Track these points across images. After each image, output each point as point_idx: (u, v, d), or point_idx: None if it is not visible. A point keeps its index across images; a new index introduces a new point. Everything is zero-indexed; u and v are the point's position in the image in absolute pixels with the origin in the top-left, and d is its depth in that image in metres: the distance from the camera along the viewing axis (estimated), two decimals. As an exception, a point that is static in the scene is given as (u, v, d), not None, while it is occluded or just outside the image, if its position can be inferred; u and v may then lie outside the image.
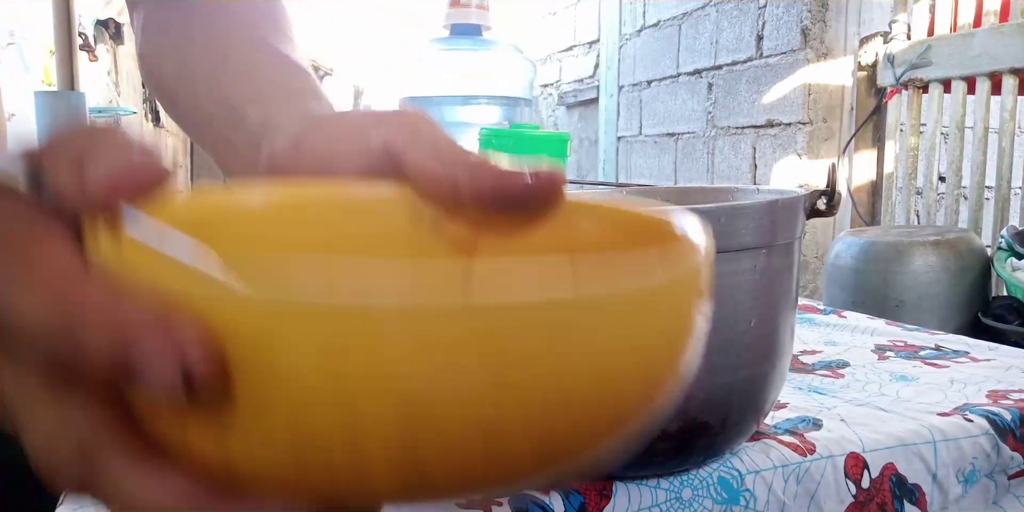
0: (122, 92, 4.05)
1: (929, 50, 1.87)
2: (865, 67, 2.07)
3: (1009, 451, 0.54)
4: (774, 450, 0.50)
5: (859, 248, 1.59)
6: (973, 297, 1.55)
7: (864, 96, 2.09)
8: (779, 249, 0.45)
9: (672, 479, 0.46)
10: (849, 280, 1.60)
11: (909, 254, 1.52)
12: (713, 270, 0.21)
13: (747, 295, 0.44)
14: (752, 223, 0.42)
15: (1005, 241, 1.55)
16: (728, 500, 0.47)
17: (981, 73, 1.77)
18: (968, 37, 1.79)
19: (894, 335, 0.82)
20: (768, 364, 0.46)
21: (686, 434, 0.44)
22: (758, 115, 2.34)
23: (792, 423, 0.55)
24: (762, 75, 2.32)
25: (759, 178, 2.35)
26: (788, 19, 2.22)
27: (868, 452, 0.51)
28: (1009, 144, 1.76)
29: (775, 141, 2.28)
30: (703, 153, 2.60)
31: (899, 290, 1.53)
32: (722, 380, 0.44)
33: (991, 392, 0.61)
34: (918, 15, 1.95)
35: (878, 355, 0.74)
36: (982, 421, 0.55)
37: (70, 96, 1.22)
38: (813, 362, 0.72)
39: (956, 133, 1.87)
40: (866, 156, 2.12)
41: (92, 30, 3.45)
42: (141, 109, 4.63)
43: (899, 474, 0.51)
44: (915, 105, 1.96)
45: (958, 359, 0.72)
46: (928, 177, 1.95)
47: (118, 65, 3.98)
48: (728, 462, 0.48)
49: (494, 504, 0.43)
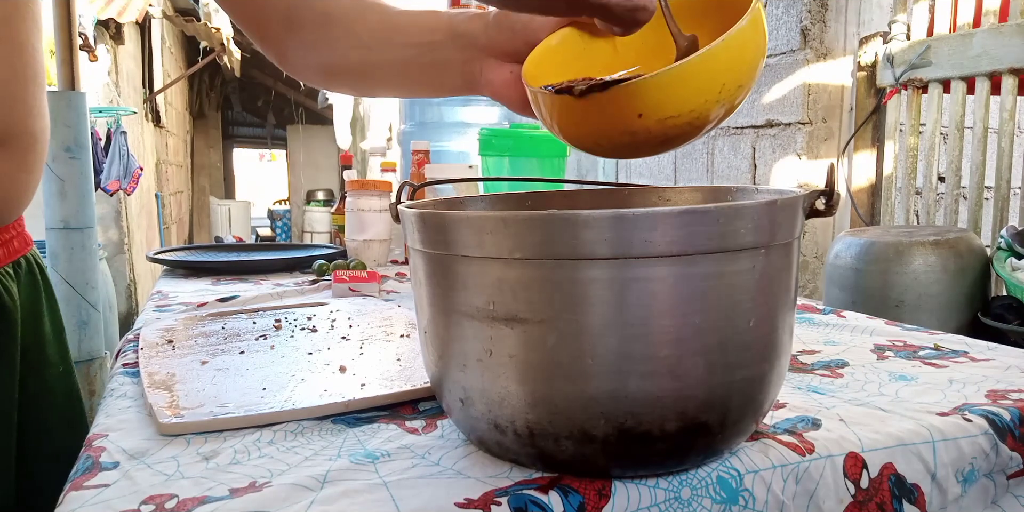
0: (122, 92, 4.05)
1: (928, 50, 1.88)
2: (865, 67, 2.07)
3: (1008, 451, 0.55)
4: (773, 450, 0.50)
5: (859, 248, 1.59)
6: (973, 297, 1.55)
7: (863, 96, 2.09)
8: (778, 249, 0.45)
9: (671, 479, 0.46)
10: (849, 280, 1.60)
11: (909, 254, 1.52)
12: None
13: (746, 295, 0.44)
14: (751, 223, 0.42)
15: (1004, 241, 1.55)
16: (727, 500, 0.47)
17: (980, 73, 1.77)
18: (967, 37, 1.79)
19: (893, 335, 0.82)
20: (767, 364, 0.46)
21: (685, 434, 0.44)
22: (758, 115, 2.34)
23: (791, 423, 0.55)
24: (762, 75, 2.32)
25: (759, 178, 2.35)
26: (788, 19, 2.22)
27: (867, 452, 0.51)
28: (1008, 144, 1.76)
29: (775, 141, 2.28)
30: (702, 153, 2.60)
31: (899, 290, 1.53)
32: (721, 380, 0.44)
33: (990, 392, 0.61)
34: (918, 15, 1.95)
35: (877, 355, 0.74)
36: (981, 421, 0.55)
37: (70, 96, 1.22)
38: (812, 362, 0.72)
39: (955, 133, 1.87)
40: (865, 156, 2.12)
41: (92, 30, 3.45)
42: (141, 109, 4.63)
43: (898, 474, 0.51)
44: (914, 105, 1.96)
45: (957, 359, 0.72)
46: (927, 177, 1.96)
47: (118, 65, 3.98)
48: (727, 462, 0.48)
49: (493, 504, 0.44)
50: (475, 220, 0.44)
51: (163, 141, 5.75)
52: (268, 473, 0.48)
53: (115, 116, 3.52)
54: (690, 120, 0.47)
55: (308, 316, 0.92)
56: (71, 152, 1.20)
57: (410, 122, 1.94)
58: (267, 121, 11.03)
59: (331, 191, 9.67)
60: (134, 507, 0.44)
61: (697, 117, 0.47)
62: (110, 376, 0.72)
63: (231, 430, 0.55)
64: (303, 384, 0.64)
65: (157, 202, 5.11)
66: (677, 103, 0.46)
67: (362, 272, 1.13)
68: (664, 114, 0.46)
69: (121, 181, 3.46)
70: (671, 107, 0.46)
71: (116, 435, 0.55)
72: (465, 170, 1.47)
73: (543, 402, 0.44)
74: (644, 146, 0.49)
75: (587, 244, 0.40)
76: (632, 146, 0.49)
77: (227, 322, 0.89)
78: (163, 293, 1.12)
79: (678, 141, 0.49)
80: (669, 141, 0.48)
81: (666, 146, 0.49)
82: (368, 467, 0.49)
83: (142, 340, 0.79)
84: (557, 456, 0.45)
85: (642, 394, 0.42)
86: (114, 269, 3.48)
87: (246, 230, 9.05)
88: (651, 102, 0.46)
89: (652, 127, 0.47)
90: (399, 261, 1.46)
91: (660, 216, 0.41)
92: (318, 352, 0.75)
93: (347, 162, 1.93)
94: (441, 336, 0.48)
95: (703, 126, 0.48)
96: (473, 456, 0.50)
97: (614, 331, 0.42)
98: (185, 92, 7.56)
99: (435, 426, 0.56)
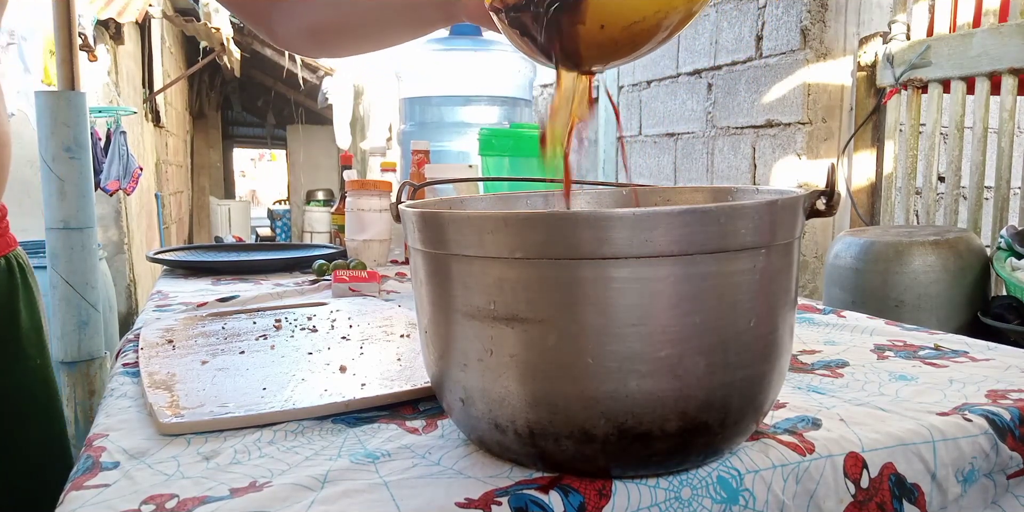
0: (122, 92, 4.05)
1: (928, 50, 1.88)
2: (864, 67, 2.07)
3: (1008, 451, 0.55)
4: (773, 450, 0.50)
5: (859, 248, 1.59)
6: (972, 297, 1.55)
7: (863, 96, 2.09)
8: (778, 249, 0.45)
9: (671, 479, 0.46)
10: (849, 280, 1.60)
11: (909, 254, 1.52)
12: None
13: (746, 295, 0.44)
14: (752, 223, 0.42)
15: (1004, 241, 1.55)
16: (727, 499, 0.47)
17: (980, 73, 1.77)
18: (967, 37, 1.79)
19: (893, 335, 0.82)
20: (767, 364, 0.46)
21: (686, 434, 0.44)
22: (757, 115, 2.34)
23: (791, 423, 0.55)
24: (761, 75, 2.32)
25: (759, 178, 2.35)
26: (787, 19, 2.22)
27: (867, 452, 0.51)
28: (1008, 144, 1.76)
29: (774, 141, 2.28)
30: (703, 153, 2.60)
31: (898, 290, 1.53)
32: (722, 380, 0.44)
33: (990, 392, 0.61)
34: (917, 15, 1.95)
35: (877, 355, 0.74)
36: (981, 421, 0.55)
37: (70, 96, 1.22)
38: (812, 362, 0.72)
39: (955, 133, 1.87)
40: (865, 156, 2.12)
41: (92, 30, 3.45)
42: (141, 109, 4.63)
43: (898, 474, 0.51)
44: (914, 105, 1.96)
45: (957, 359, 0.72)
46: (927, 177, 1.95)
47: (118, 65, 3.98)
48: (727, 462, 0.48)
49: (494, 504, 0.44)
50: (476, 220, 0.44)
51: (163, 141, 5.75)
52: (268, 473, 0.48)
53: (115, 116, 3.51)
54: (655, 21, 0.46)
55: (308, 316, 0.92)
56: (71, 152, 1.20)
57: (410, 122, 1.94)
58: (267, 121, 11.03)
59: (331, 191, 9.66)
60: (134, 507, 0.44)
61: (668, 13, 0.46)
62: (110, 376, 0.72)
63: (231, 430, 0.55)
64: (303, 384, 0.64)
65: (157, 202, 5.11)
66: (637, 5, 0.45)
67: (362, 272, 1.13)
68: (627, 21, 0.45)
69: (121, 181, 3.46)
70: (631, 12, 0.45)
71: (116, 435, 0.55)
72: (465, 170, 1.47)
73: (543, 402, 0.44)
74: (615, 53, 0.49)
75: (587, 244, 0.40)
76: (602, 55, 0.49)
77: (227, 322, 0.89)
78: (163, 293, 1.12)
79: (650, 44, 0.48)
80: (638, 45, 0.48)
81: (636, 50, 0.49)
82: (368, 467, 0.49)
83: (142, 340, 0.79)
84: (557, 456, 0.45)
85: (642, 394, 0.42)
86: (114, 269, 3.48)
87: (246, 230, 9.05)
88: (609, 12, 0.45)
89: (618, 35, 0.46)
90: (399, 261, 1.46)
91: (661, 216, 0.41)
92: (318, 352, 0.75)
93: (347, 162, 1.93)
94: (442, 336, 0.48)
95: (671, 25, 0.47)
96: (473, 456, 0.50)
97: (615, 331, 0.42)
98: (185, 92, 7.56)
99: (435, 426, 0.56)
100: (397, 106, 2.00)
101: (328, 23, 0.67)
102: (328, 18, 0.66)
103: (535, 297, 0.42)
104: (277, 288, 1.12)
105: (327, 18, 0.66)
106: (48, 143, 1.20)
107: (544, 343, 0.43)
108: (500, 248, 0.42)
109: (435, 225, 0.46)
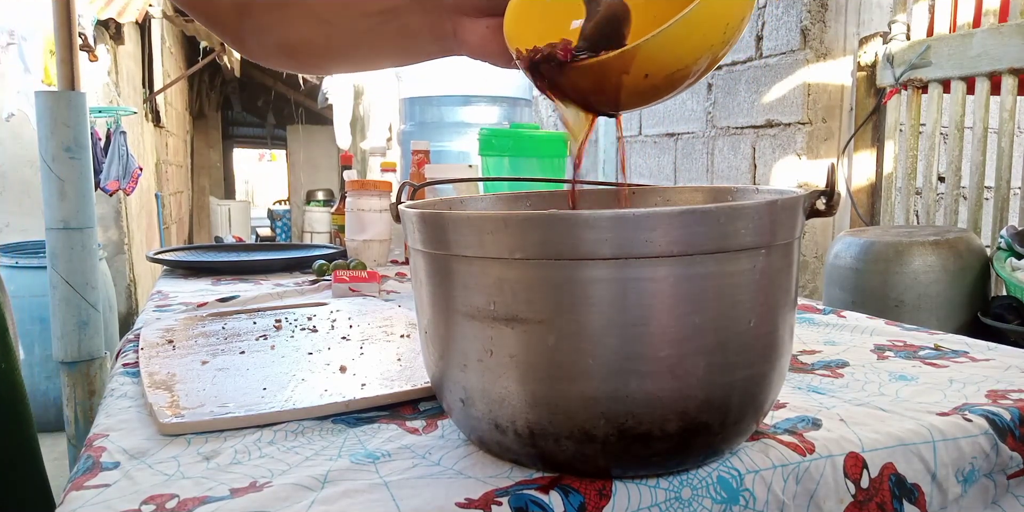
0: (122, 92, 4.05)
1: (928, 50, 1.88)
2: (864, 67, 2.07)
3: (1008, 451, 0.55)
4: (773, 450, 0.50)
5: (859, 248, 1.59)
6: (972, 297, 1.55)
7: (863, 96, 2.09)
8: (778, 249, 0.45)
9: (672, 479, 0.46)
10: (849, 280, 1.60)
11: (908, 254, 1.52)
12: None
13: (746, 295, 0.44)
14: (751, 223, 0.42)
15: (1004, 241, 1.55)
16: (727, 500, 0.47)
17: (980, 73, 1.77)
18: (967, 37, 1.79)
19: (893, 335, 0.82)
20: (768, 364, 0.46)
21: (686, 434, 0.44)
22: (757, 115, 2.34)
23: (791, 423, 0.55)
24: (761, 75, 2.32)
25: (758, 178, 2.35)
26: (788, 19, 2.22)
27: (867, 452, 0.51)
28: (1008, 144, 1.76)
29: (774, 141, 2.28)
30: (702, 153, 2.60)
31: (898, 290, 1.53)
32: (722, 380, 0.44)
33: (990, 392, 0.61)
34: (917, 15, 1.95)
35: (877, 355, 0.74)
36: (981, 421, 0.55)
37: (70, 96, 1.22)
38: (813, 362, 0.72)
39: (955, 133, 1.87)
40: (865, 156, 2.12)
41: (92, 30, 3.45)
42: (141, 109, 4.63)
43: (898, 474, 0.51)
44: (914, 105, 1.96)
45: (957, 359, 0.72)
46: (927, 177, 1.95)
47: (118, 65, 3.98)
48: (728, 462, 0.48)
49: (494, 504, 0.44)
50: (475, 220, 0.44)
51: (163, 141, 5.75)
52: (269, 473, 0.48)
53: (115, 116, 3.51)
54: (696, 67, 0.47)
55: (308, 316, 0.92)
56: (71, 152, 1.20)
57: (410, 122, 1.94)
58: (267, 121, 11.02)
59: (331, 191, 9.66)
60: (135, 507, 0.44)
61: (707, 59, 0.47)
62: (110, 376, 0.72)
63: (231, 430, 0.55)
64: (303, 384, 0.64)
65: (157, 202, 5.10)
66: (682, 55, 0.46)
67: (362, 272, 1.13)
68: (671, 69, 0.46)
69: (120, 181, 3.46)
70: (676, 61, 0.46)
71: (116, 435, 0.55)
72: (465, 170, 1.47)
73: (543, 402, 0.44)
74: (652, 98, 0.49)
75: (587, 244, 0.40)
76: (640, 102, 0.49)
77: (227, 322, 0.89)
78: (163, 293, 1.12)
79: (683, 88, 0.49)
80: (673, 89, 0.48)
81: (669, 93, 0.49)
82: (368, 467, 0.49)
83: (142, 340, 0.79)
84: (558, 456, 0.45)
85: (642, 394, 0.42)
86: (114, 269, 3.48)
87: (246, 230, 9.05)
88: (656, 62, 0.46)
89: (660, 83, 0.47)
90: (399, 261, 1.46)
91: (661, 216, 0.41)
92: (318, 352, 0.75)
93: (347, 162, 1.93)
94: (442, 336, 0.48)
95: (701, 69, 0.48)
96: (473, 456, 0.50)
97: (615, 331, 0.42)
98: (185, 92, 7.56)
99: (435, 426, 0.56)
100: (397, 106, 2.01)
101: (309, 42, 0.61)
102: (309, 37, 0.61)
103: (535, 297, 0.42)
104: (277, 288, 1.12)
105: (308, 38, 0.61)
106: (48, 143, 1.20)
107: (544, 343, 0.43)
108: (500, 248, 0.42)
109: (435, 225, 0.46)
